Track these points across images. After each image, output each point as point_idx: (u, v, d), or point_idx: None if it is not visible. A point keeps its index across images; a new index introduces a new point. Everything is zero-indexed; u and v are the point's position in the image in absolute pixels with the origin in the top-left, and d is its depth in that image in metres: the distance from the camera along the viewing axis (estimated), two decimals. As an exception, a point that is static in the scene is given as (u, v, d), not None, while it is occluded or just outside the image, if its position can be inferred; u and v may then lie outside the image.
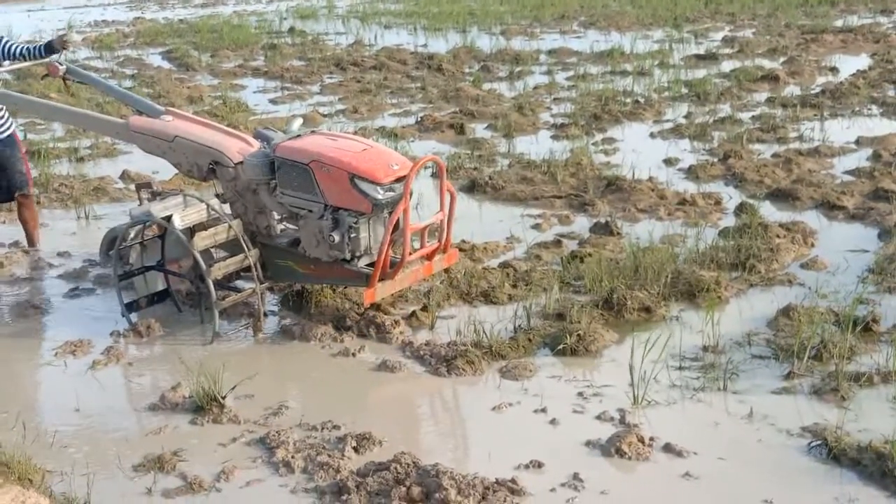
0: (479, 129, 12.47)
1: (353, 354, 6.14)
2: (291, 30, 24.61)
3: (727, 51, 18.28)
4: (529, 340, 6.17)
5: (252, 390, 5.67)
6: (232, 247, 6.58)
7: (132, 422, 5.47)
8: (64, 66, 7.86)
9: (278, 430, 5.18)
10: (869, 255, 7.48)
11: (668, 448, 4.96)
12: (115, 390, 5.90)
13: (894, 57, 16.71)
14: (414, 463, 4.67)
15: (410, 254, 6.22)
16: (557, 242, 7.99)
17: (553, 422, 5.30)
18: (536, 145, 11.47)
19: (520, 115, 13.04)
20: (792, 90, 14.37)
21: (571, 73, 16.45)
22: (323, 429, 5.22)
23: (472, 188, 9.76)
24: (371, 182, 6.12)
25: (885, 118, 12.47)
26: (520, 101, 14.02)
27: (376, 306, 6.59)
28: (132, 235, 6.87)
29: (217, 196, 6.89)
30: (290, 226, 6.78)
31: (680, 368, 5.84)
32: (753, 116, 12.62)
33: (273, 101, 14.96)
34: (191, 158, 6.69)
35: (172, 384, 5.73)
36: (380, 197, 6.13)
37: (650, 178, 9.59)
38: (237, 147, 6.63)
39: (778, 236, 7.77)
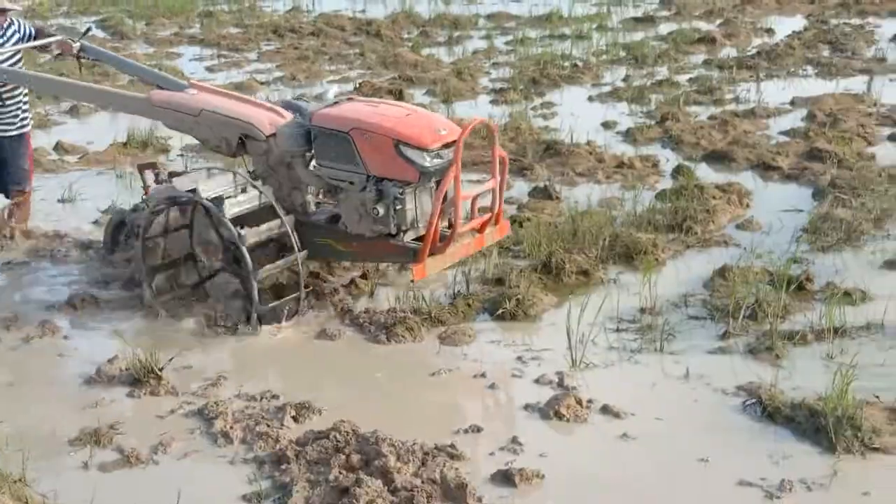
0: (418, 95, 12.42)
1: (292, 323, 6.10)
2: (228, -4, 24.31)
3: (664, 13, 18.35)
4: (469, 306, 6.18)
5: (190, 362, 5.64)
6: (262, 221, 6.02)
7: (68, 396, 5.39)
8: (77, 44, 7.48)
9: (216, 400, 5.15)
10: (803, 215, 7.59)
11: (605, 410, 5.01)
12: (49, 364, 5.81)
13: (829, 18, 16.89)
14: (353, 431, 4.66)
15: (461, 225, 5.87)
16: (496, 207, 7.98)
17: (492, 386, 5.33)
18: (475, 110, 11.44)
19: (459, 80, 13.00)
20: (728, 52, 14.47)
21: (510, 37, 16.43)
22: (262, 399, 5.20)
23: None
24: (417, 148, 5.71)
25: (819, 79, 12.62)
26: (459, 66, 13.98)
27: (315, 274, 6.55)
28: (160, 222, 6.28)
29: (249, 173, 6.40)
30: (328, 201, 6.42)
31: (618, 331, 5.88)
32: (690, 79, 12.70)
33: (210, 69, 14.78)
34: (218, 132, 6.33)
35: (109, 357, 5.66)
36: (427, 164, 5.72)
37: (588, 142, 9.63)
38: (268, 118, 6.26)
39: (714, 197, 7.83)
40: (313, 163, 6.10)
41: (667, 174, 8.81)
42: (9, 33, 7.43)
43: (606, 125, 10.57)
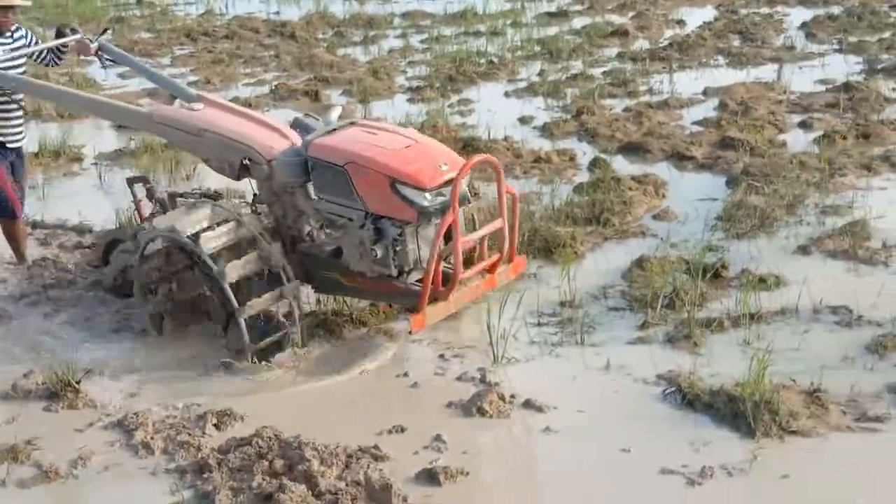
0: (334, 96, 12.37)
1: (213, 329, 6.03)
2: (139, 1, 24.00)
3: (578, 8, 18.47)
4: (390, 306, 6.15)
5: (108, 374, 5.55)
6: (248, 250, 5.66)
7: (-17, 413, 5.29)
8: (95, 44, 7.12)
9: (136, 411, 5.07)
10: (717, 203, 7.69)
11: (528, 404, 5.03)
12: (-37, 382, 5.69)
13: (739, 7, 17.14)
14: (276, 436, 4.63)
15: (465, 270, 5.48)
16: (415, 206, 7.97)
17: (415, 385, 5.33)
18: (393, 109, 11.43)
19: (375, 79, 12.97)
20: (641, 44, 14.62)
21: (426, 35, 16.42)
22: (183, 407, 5.13)
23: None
24: (415, 187, 5.32)
25: (730, 68, 12.81)
26: (375, 65, 13.94)
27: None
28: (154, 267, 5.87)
29: (254, 197, 6.11)
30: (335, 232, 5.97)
31: (538, 325, 5.92)
32: (605, 72, 12.80)
33: (122, 76, 14.53)
34: (221, 154, 5.92)
35: (24, 371, 5.55)
36: (426, 204, 5.33)
37: (506, 138, 9.66)
38: (270, 141, 5.84)
39: (630, 189, 7.91)
40: (313, 194, 5.73)
41: (583, 167, 8.87)
42: (16, 36, 7.02)
43: (523, 120, 10.61)
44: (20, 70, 7.02)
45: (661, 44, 14.45)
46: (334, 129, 5.76)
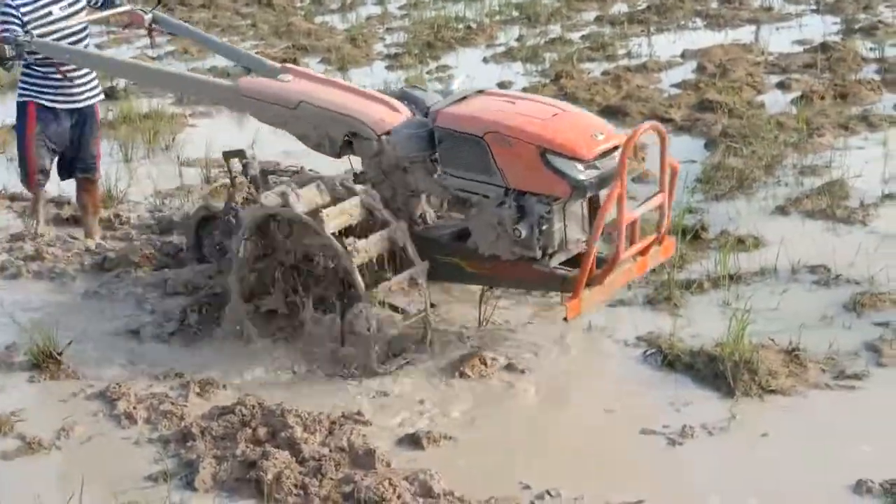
0: (312, 63, 12.31)
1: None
2: (114, -29, 23.80)
3: (556, -29, 18.39)
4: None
5: (91, 344, 5.54)
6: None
7: (-35, 386, 5.28)
8: (149, 15, 6.73)
9: (119, 381, 5.07)
10: (696, 165, 7.70)
11: (510, 367, 5.06)
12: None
13: (716, -31, 17.08)
14: (259, 404, 4.63)
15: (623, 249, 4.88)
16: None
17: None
18: (371, 76, 11.38)
19: (353, 46, 12.93)
20: (619, 7, 14.59)
21: (404, 1, 16.32)
22: (165, 377, 5.14)
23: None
24: (570, 158, 4.82)
25: (708, 30, 12.82)
26: (353, 32, 13.89)
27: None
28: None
29: (355, 176, 5.62)
30: (456, 214, 5.52)
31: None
32: (583, 36, 12.79)
33: (99, 46, 14.45)
34: (321, 129, 5.45)
35: (6, 344, 5.54)
36: (582, 177, 4.82)
37: (485, 103, 9.62)
38: (382, 114, 5.39)
39: (609, 153, 7.89)
40: (439, 169, 5.19)
41: (563, 132, 8.85)
42: None
43: (502, 85, 10.56)
44: (81, 37, 6.71)
45: (639, 6, 14.40)
46: (463, 98, 5.26)
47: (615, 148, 4.96)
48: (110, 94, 10.60)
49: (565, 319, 4.97)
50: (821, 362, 4.91)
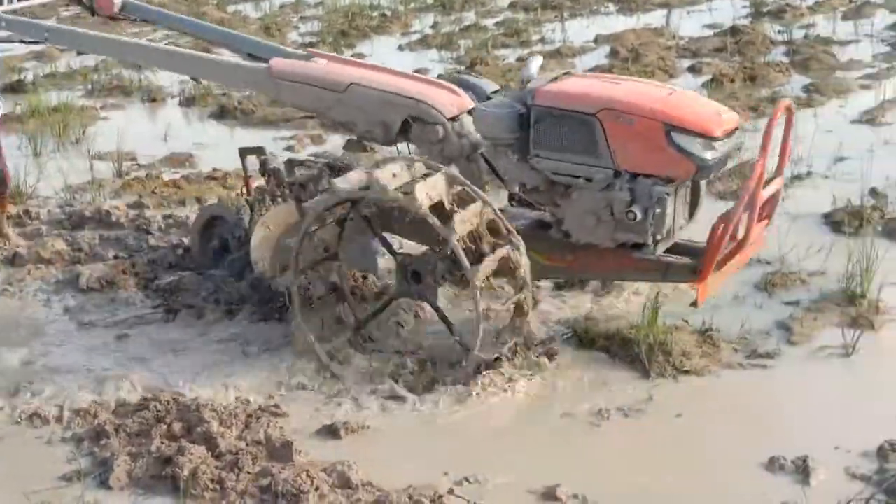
0: (225, 53, 12.14)
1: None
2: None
3: (470, -42, 18.41)
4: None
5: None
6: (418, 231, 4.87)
7: None
8: (119, 1, 6.26)
9: (28, 381, 4.97)
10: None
11: (432, 360, 5.04)
12: None
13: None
14: (173, 399, 4.58)
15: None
16: (311, 162, 7.92)
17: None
18: (285, 66, 11.29)
19: (267, 35, 12.76)
20: (533, -7, 14.67)
21: (317, -11, 16.26)
22: (76, 373, 5.04)
23: (221, 114, 9.65)
24: (699, 136, 4.60)
25: (621, 15, 12.97)
26: (266, 21, 13.81)
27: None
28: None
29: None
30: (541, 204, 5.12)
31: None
32: (497, 22, 12.85)
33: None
34: (374, 114, 5.16)
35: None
36: (709, 157, 4.61)
37: (400, 91, 9.60)
38: (446, 97, 5.16)
39: (524, 139, 7.92)
40: (532, 152, 4.84)
41: (478, 118, 8.87)
42: None
43: (418, 73, 10.56)
44: None
45: (553, -8, 14.52)
46: (555, 79, 4.97)
47: (735, 129, 4.83)
48: (18, 88, 10.42)
49: (694, 305, 4.83)
50: (733, 342, 4.99)
